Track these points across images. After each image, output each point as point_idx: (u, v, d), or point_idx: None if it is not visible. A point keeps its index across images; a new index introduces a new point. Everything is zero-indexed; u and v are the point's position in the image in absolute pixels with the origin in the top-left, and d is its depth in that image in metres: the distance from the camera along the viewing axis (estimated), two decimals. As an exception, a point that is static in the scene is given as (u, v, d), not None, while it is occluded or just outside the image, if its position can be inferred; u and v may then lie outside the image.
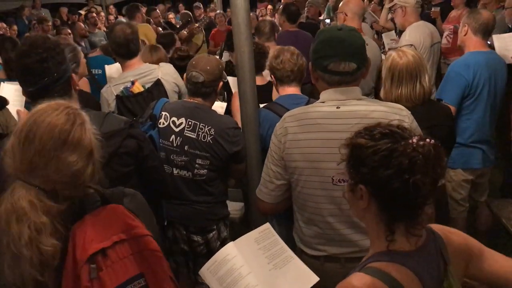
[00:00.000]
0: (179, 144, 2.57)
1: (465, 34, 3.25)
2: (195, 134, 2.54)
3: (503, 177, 4.33)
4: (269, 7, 9.57)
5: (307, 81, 2.83)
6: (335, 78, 1.88)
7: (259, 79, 3.32)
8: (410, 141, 1.24)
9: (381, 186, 1.25)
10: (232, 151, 2.55)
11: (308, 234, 2.00)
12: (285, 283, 1.67)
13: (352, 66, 1.86)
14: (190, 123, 2.56)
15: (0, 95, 2.93)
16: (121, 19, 9.26)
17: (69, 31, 6.48)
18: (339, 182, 1.84)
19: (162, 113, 2.61)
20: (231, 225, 2.90)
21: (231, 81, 3.23)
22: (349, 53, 1.85)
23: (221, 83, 2.68)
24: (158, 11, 7.79)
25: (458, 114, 3.17)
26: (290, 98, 2.66)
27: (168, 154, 2.59)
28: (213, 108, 2.73)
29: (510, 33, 4.15)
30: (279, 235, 2.55)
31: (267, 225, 1.82)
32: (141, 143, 2.06)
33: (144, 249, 1.35)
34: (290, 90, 2.72)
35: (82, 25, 7.44)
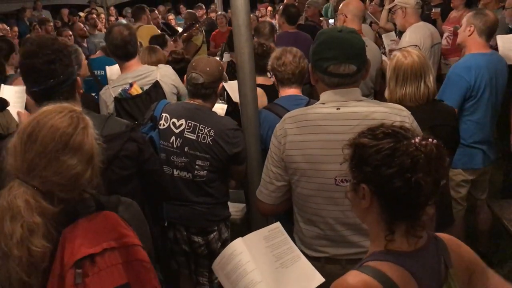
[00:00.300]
0: (179, 145, 2.57)
1: (470, 35, 3.24)
2: (195, 136, 2.54)
3: (503, 177, 4.32)
4: (269, 8, 9.56)
5: (306, 81, 2.83)
6: (334, 80, 1.88)
7: (266, 80, 3.32)
8: (412, 141, 1.25)
9: (383, 185, 1.25)
10: (232, 152, 2.55)
11: (308, 235, 2.00)
12: (290, 281, 1.67)
13: (352, 68, 1.86)
14: (190, 124, 2.56)
15: (1, 97, 2.94)
16: (122, 20, 9.27)
17: (70, 32, 6.49)
18: (341, 182, 1.84)
19: (163, 114, 2.61)
20: (232, 226, 2.90)
21: (228, 86, 3.20)
22: (349, 55, 1.85)
23: (221, 84, 2.69)
24: (156, 12, 7.80)
25: (459, 115, 3.16)
26: (290, 99, 2.66)
27: (168, 155, 2.59)
28: (213, 110, 2.73)
29: None
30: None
31: (277, 224, 1.82)
32: (141, 147, 2.07)
33: (133, 259, 1.34)
34: (290, 91, 2.72)
35: (81, 25, 7.45)
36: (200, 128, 2.54)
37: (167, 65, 3.34)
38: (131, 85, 2.94)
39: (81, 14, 9.75)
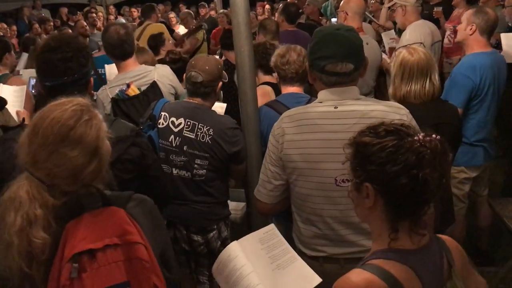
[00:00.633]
0: (178, 144, 2.56)
1: (472, 34, 3.22)
2: (194, 134, 2.54)
3: (505, 176, 4.32)
4: (267, 6, 9.51)
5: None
6: (332, 78, 1.88)
7: (272, 78, 3.31)
8: (416, 138, 1.25)
9: (388, 183, 1.25)
10: (231, 151, 2.54)
11: (306, 235, 1.99)
12: (287, 283, 1.66)
13: (349, 67, 1.85)
14: (189, 123, 2.55)
15: (0, 96, 2.94)
16: (121, 19, 9.26)
17: (70, 31, 6.46)
18: (342, 182, 1.83)
19: (162, 113, 2.60)
20: (232, 225, 2.90)
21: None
22: (346, 53, 1.84)
23: (220, 83, 2.67)
24: (140, 10, 7.81)
25: (463, 114, 3.16)
26: (291, 96, 2.65)
27: (167, 154, 2.58)
28: (213, 109, 2.72)
29: None
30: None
31: (271, 225, 1.81)
32: (145, 152, 2.06)
33: (133, 257, 1.33)
34: (292, 90, 2.71)
35: (83, 23, 7.43)
36: (199, 127, 2.54)
37: (165, 65, 3.31)
38: (128, 85, 2.91)
39: (79, 14, 9.71)
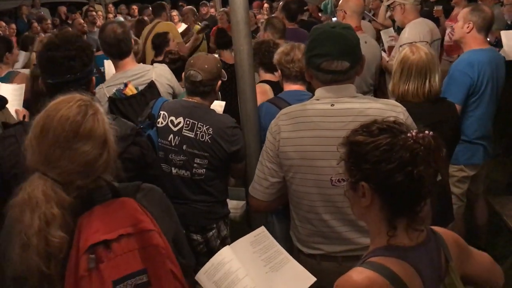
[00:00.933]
0: (177, 143, 2.56)
1: (469, 32, 3.23)
2: (193, 134, 2.53)
3: (505, 174, 4.32)
4: (266, 5, 9.48)
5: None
6: (328, 76, 1.88)
7: (273, 76, 3.31)
8: (409, 134, 1.25)
9: (384, 181, 1.25)
10: (230, 150, 2.54)
11: (303, 233, 1.99)
12: (282, 284, 1.67)
13: (345, 65, 1.85)
14: (188, 122, 2.55)
15: (0, 95, 2.93)
16: (119, 17, 9.25)
17: (71, 30, 6.44)
18: (338, 182, 1.82)
19: (161, 112, 2.60)
20: (231, 223, 2.90)
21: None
22: (342, 51, 1.84)
23: (219, 82, 2.67)
24: (150, 9, 7.78)
25: (462, 112, 3.16)
26: (294, 94, 2.65)
27: (166, 154, 2.58)
28: (211, 107, 2.72)
29: None
30: (279, 233, 2.56)
31: (262, 228, 1.82)
32: (145, 152, 2.06)
33: (149, 245, 1.36)
34: (295, 88, 2.70)
35: (81, 21, 7.41)
36: (199, 126, 2.53)
37: (163, 64, 3.30)
38: (125, 85, 2.89)
39: (77, 14, 9.69)
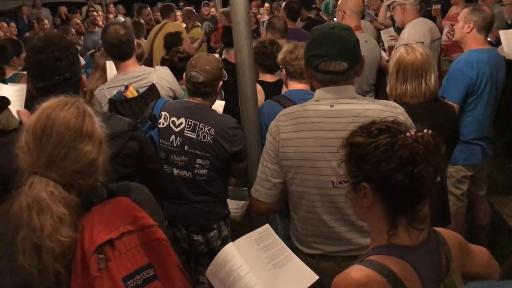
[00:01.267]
0: (179, 144, 2.56)
1: (469, 32, 3.23)
2: (195, 134, 2.54)
3: (506, 174, 4.32)
4: (266, 5, 9.48)
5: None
6: (326, 77, 1.88)
7: (269, 77, 3.31)
8: (408, 134, 1.26)
9: (385, 181, 1.26)
10: (232, 150, 2.54)
11: (303, 233, 2.00)
12: (285, 282, 1.67)
13: (343, 66, 1.85)
14: (190, 123, 2.55)
15: (3, 96, 2.94)
16: (120, 18, 9.25)
17: (74, 30, 6.42)
18: (339, 183, 1.83)
19: (162, 113, 2.60)
20: (232, 223, 2.90)
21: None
22: (340, 52, 1.84)
23: (221, 82, 2.67)
24: (149, 9, 7.80)
25: (460, 111, 3.17)
26: (298, 92, 2.65)
27: (168, 154, 2.58)
28: (212, 107, 2.72)
29: None
30: (281, 231, 2.57)
31: (266, 226, 1.82)
32: (143, 145, 2.07)
33: (152, 239, 1.38)
34: (300, 86, 2.70)
35: (77, 21, 7.41)
36: (200, 126, 2.54)
37: (164, 67, 3.30)
38: (126, 87, 2.88)
39: (77, 14, 9.70)
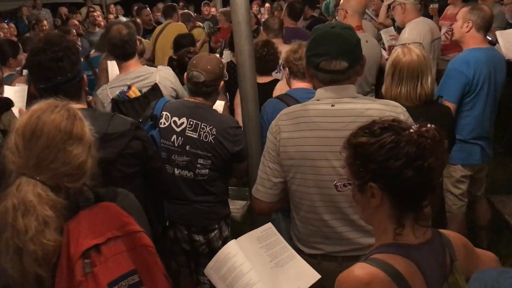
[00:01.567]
0: (180, 144, 2.56)
1: (468, 31, 3.23)
2: (197, 134, 2.54)
3: (506, 173, 4.32)
4: (267, 5, 9.49)
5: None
6: (327, 76, 1.88)
7: (261, 78, 3.31)
8: (412, 130, 1.26)
9: (393, 178, 1.25)
10: (234, 150, 2.55)
11: (304, 233, 1.99)
12: (286, 280, 1.68)
13: (343, 65, 1.85)
14: (191, 123, 2.55)
15: (6, 97, 2.95)
16: (121, 18, 9.25)
17: (75, 31, 6.42)
18: (343, 187, 1.83)
19: (163, 113, 2.60)
20: (233, 223, 2.90)
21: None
22: (340, 51, 1.84)
23: (222, 82, 2.67)
24: (148, 9, 7.81)
25: (458, 111, 3.17)
26: (302, 91, 2.65)
27: (169, 154, 2.58)
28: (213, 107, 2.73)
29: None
30: (284, 231, 2.57)
31: (269, 224, 1.83)
32: (146, 145, 2.08)
33: (138, 245, 1.38)
34: (303, 85, 2.71)
35: (75, 21, 7.40)
36: (202, 126, 2.53)
37: (167, 67, 3.31)
38: (129, 87, 2.89)
39: (77, 15, 9.69)
